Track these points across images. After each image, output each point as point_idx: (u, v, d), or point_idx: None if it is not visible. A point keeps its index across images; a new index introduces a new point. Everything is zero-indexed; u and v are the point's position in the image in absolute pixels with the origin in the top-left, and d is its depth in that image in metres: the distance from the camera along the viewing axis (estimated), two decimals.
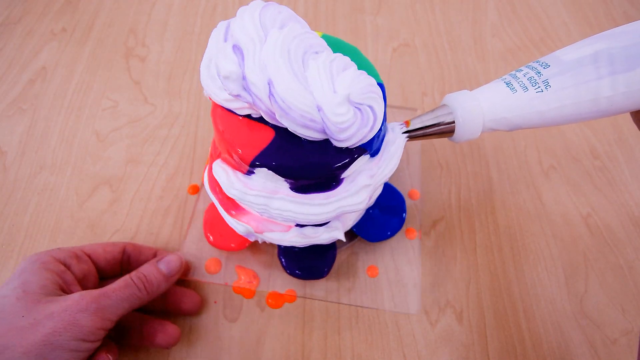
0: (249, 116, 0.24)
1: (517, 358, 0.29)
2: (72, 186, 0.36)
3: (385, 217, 0.32)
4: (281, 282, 0.31)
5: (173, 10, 0.49)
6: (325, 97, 0.19)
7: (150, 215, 0.34)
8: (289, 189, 0.24)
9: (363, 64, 0.26)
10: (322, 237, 0.26)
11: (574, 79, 0.23)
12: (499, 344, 0.30)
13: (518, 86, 0.24)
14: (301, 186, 0.23)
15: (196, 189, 0.35)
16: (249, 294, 0.31)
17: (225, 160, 0.25)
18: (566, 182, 0.37)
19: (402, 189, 0.35)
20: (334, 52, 0.23)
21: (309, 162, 0.22)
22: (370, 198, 0.25)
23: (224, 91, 0.23)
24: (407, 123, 0.25)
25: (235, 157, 0.24)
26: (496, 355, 0.29)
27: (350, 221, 0.28)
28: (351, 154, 0.23)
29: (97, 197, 0.35)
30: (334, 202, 0.24)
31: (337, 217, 0.26)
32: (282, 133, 0.23)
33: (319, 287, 0.31)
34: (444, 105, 0.25)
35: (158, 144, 0.38)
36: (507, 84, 0.24)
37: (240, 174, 0.24)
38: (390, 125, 0.26)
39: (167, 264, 0.28)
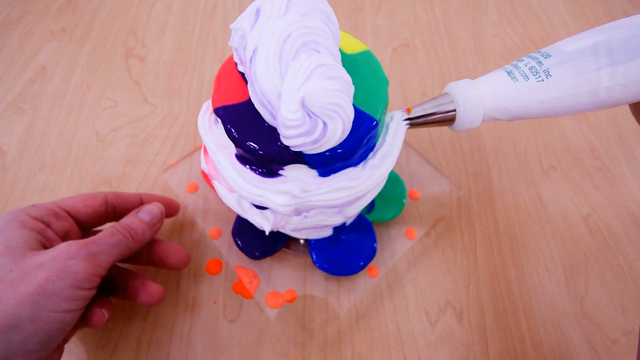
0: (243, 74, 0.25)
1: (517, 358, 0.29)
2: (72, 186, 0.36)
3: (347, 253, 0.31)
4: (281, 282, 0.31)
5: (173, 10, 0.49)
6: (288, 90, 0.20)
7: None
8: (234, 153, 0.24)
9: (376, 96, 0.24)
10: (253, 217, 0.27)
11: (573, 70, 0.23)
12: (499, 344, 0.30)
13: (519, 75, 0.24)
14: (242, 156, 0.24)
15: (194, 187, 0.35)
16: (249, 294, 0.31)
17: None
18: (566, 182, 0.37)
19: None
20: (362, 71, 0.23)
21: (249, 137, 0.23)
22: (300, 213, 0.25)
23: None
24: (408, 110, 0.26)
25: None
26: (496, 355, 0.29)
27: (290, 225, 0.27)
28: (290, 156, 0.22)
29: None
30: (259, 189, 0.24)
31: (270, 209, 0.26)
32: None
33: (319, 287, 0.31)
34: (446, 93, 0.25)
35: (158, 144, 0.38)
36: (508, 73, 0.24)
37: (213, 118, 0.26)
38: (391, 113, 0.26)
39: (148, 213, 0.27)
